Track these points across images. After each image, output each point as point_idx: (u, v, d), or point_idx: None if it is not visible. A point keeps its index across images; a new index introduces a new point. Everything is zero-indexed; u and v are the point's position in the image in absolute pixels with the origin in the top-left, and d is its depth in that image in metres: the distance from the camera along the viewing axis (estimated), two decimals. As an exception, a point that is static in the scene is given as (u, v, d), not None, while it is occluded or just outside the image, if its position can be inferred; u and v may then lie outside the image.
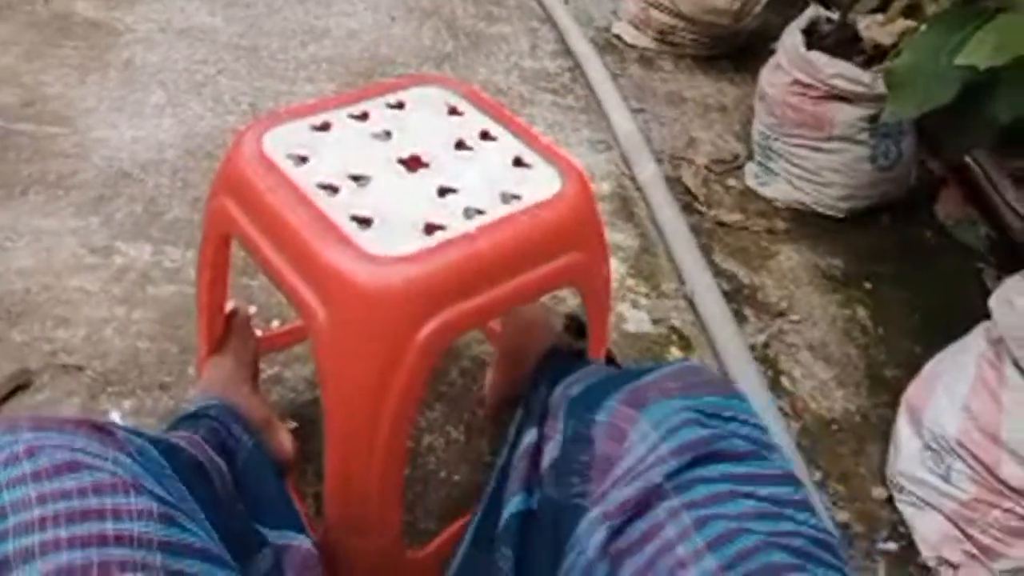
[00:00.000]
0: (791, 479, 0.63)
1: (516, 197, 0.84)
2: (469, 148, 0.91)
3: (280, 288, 0.83)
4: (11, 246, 1.36)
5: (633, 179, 1.70)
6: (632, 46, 2.15)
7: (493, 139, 0.93)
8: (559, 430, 0.75)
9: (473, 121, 0.95)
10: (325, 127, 0.92)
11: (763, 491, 0.61)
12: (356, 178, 0.85)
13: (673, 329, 1.40)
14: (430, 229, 0.79)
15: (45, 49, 1.83)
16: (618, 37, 2.18)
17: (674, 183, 1.71)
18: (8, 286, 1.29)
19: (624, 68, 2.08)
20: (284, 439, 0.99)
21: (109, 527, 0.54)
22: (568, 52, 2.07)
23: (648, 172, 1.67)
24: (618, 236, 1.57)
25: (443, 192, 0.85)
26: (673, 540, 0.58)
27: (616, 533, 0.61)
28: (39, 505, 0.53)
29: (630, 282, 1.48)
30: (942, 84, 1.18)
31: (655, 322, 1.41)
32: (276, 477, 0.88)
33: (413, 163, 0.88)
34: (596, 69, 1.96)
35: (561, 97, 1.94)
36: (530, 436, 0.79)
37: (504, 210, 0.82)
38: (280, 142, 0.88)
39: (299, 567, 0.79)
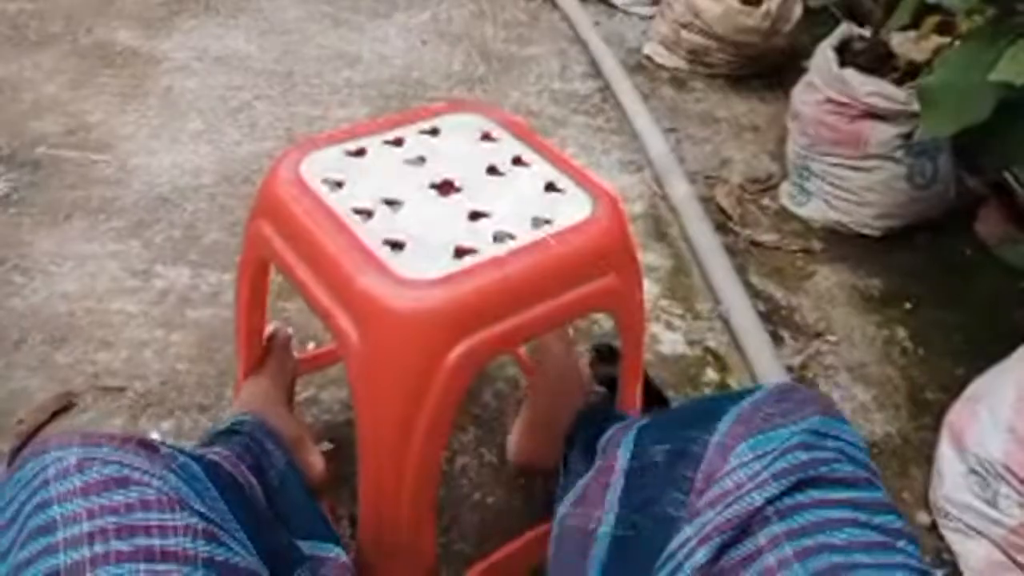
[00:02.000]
0: (895, 508, 0.61)
1: (547, 222, 0.85)
2: (501, 173, 0.92)
3: (315, 311, 0.84)
4: (56, 270, 1.39)
5: (666, 199, 1.70)
6: (663, 67, 2.16)
7: (525, 164, 0.93)
8: (620, 458, 0.75)
9: (506, 147, 0.96)
10: (360, 153, 0.93)
11: (873, 519, 0.59)
12: (390, 203, 0.86)
13: (708, 350, 1.39)
14: (461, 253, 0.80)
15: (87, 78, 1.87)
16: (649, 58, 2.18)
17: (708, 203, 1.70)
18: (53, 310, 1.32)
19: (655, 89, 2.08)
20: (316, 460, 1.00)
21: (156, 543, 0.55)
22: (599, 74, 2.08)
23: (681, 192, 1.67)
24: (651, 257, 1.57)
25: (475, 216, 0.85)
26: (773, 568, 0.57)
27: (715, 557, 0.60)
28: (88, 520, 0.55)
29: (664, 303, 1.47)
30: (977, 101, 1.16)
31: (690, 343, 1.40)
32: (309, 492, 0.88)
33: (445, 188, 0.89)
34: (627, 90, 1.97)
35: (592, 118, 1.95)
36: (578, 488, 0.79)
37: (535, 234, 0.83)
38: (316, 167, 0.89)
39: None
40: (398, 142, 0.95)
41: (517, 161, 0.94)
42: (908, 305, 1.54)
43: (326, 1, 2.28)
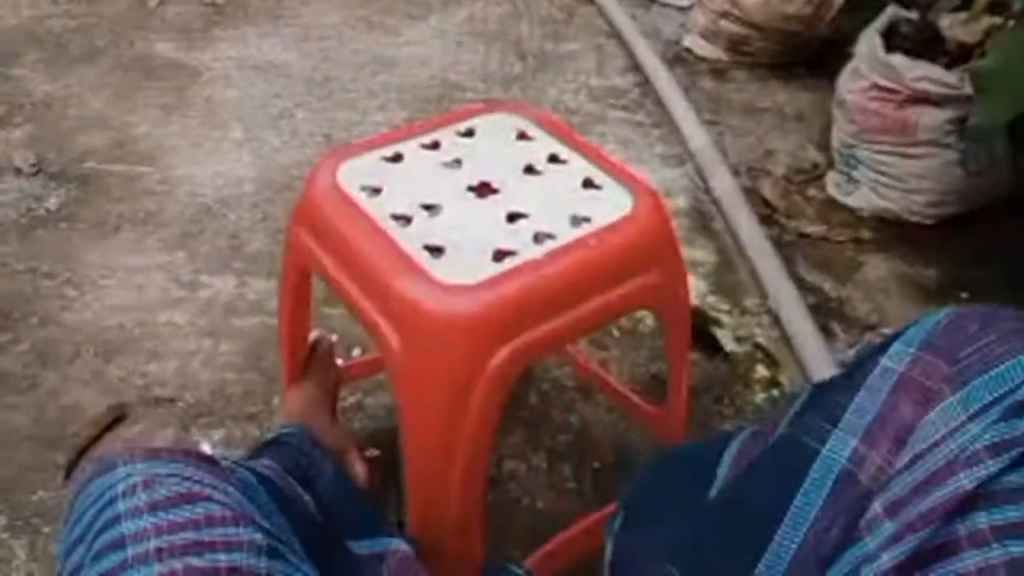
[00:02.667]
0: None
1: (586, 219, 0.84)
2: (538, 172, 0.91)
3: (357, 318, 0.83)
4: (105, 283, 1.41)
5: (709, 193, 1.67)
6: (703, 58, 2.12)
7: (563, 162, 0.92)
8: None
9: (542, 145, 0.95)
10: (397, 158, 0.93)
11: None
12: (428, 207, 0.86)
13: (758, 347, 1.36)
14: (500, 255, 0.80)
15: (131, 91, 1.91)
16: (688, 50, 2.15)
17: (752, 196, 1.66)
18: (104, 323, 1.34)
19: (695, 81, 2.04)
20: (360, 468, 1.01)
21: (221, 559, 0.55)
22: (637, 68, 2.05)
23: (725, 185, 1.64)
24: (696, 252, 1.54)
25: (513, 218, 0.85)
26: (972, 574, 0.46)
27: (913, 558, 0.48)
28: (156, 536, 0.56)
29: (711, 299, 1.44)
30: (1036, 83, 1.12)
31: (739, 340, 1.37)
32: (359, 495, 0.89)
33: (483, 190, 0.89)
34: (666, 83, 1.94)
35: (632, 113, 1.92)
36: None
37: (574, 233, 0.82)
38: (354, 174, 0.89)
39: (402, 571, 0.79)
40: (434, 145, 0.95)
41: (554, 159, 0.93)
42: (965, 295, 1.49)
43: (361, 5, 2.29)
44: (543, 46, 2.15)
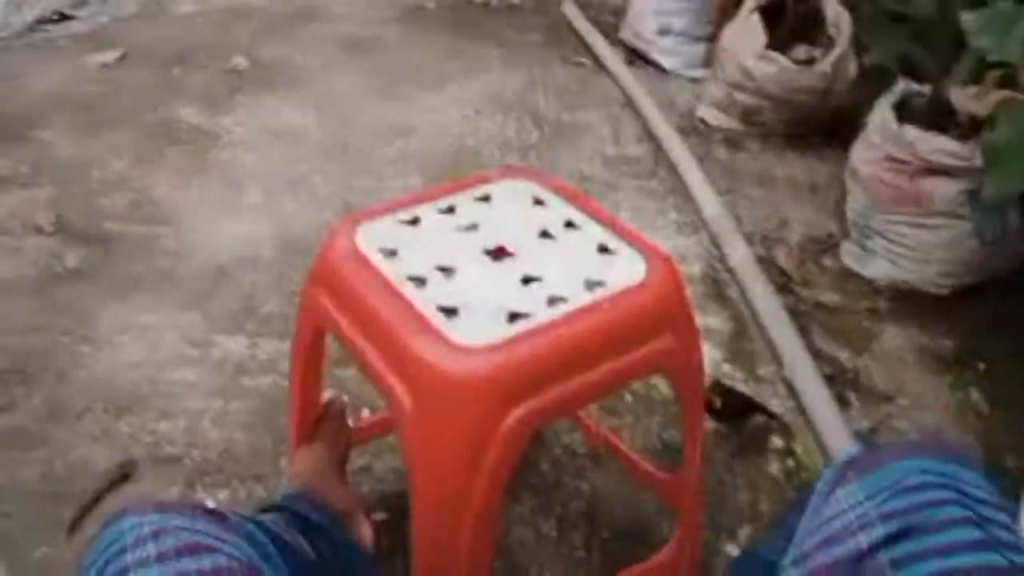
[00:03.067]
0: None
1: (600, 284, 0.84)
2: (553, 237, 0.92)
3: (370, 378, 0.83)
4: (119, 341, 1.42)
5: (723, 261, 1.67)
6: (717, 128, 2.15)
7: (577, 228, 0.93)
8: None
9: (558, 211, 0.96)
10: (415, 221, 0.94)
11: (1006, 559, 0.54)
12: (443, 269, 0.86)
13: (772, 415, 1.34)
14: (514, 318, 0.80)
15: (153, 154, 1.95)
16: (702, 120, 2.18)
17: (767, 264, 1.67)
18: (117, 379, 1.34)
19: (709, 150, 2.07)
20: (366, 532, 0.99)
21: None
22: (651, 137, 2.08)
23: (739, 254, 1.64)
24: (711, 320, 1.53)
25: (527, 281, 0.85)
26: None
27: None
28: None
29: (726, 368, 1.43)
30: (1047, 155, 1.13)
31: (746, 414, 1.35)
32: (363, 555, 0.87)
33: (498, 253, 0.89)
34: (680, 151, 1.96)
35: (646, 181, 1.94)
36: None
37: (588, 297, 0.82)
38: (372, 236, 0.90)
39: None
40: (451, 210, 0.96)
41: (569, 225, 0.94)
42: (982, 365, 1.47)
43: (380, 76, 2.35)
44: (559, 115, 2.19)
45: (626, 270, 0.86)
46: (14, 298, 1.51)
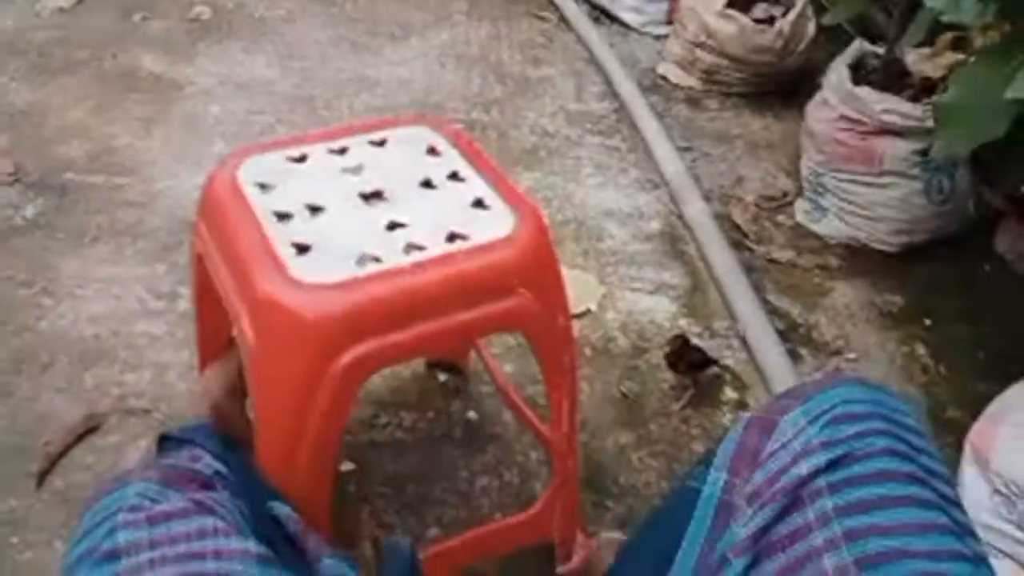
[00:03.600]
0: (948, 475, 0.62)
1: (463, 237, 0.84)
2: (434, 187, 0.92)
3: (226, 308, 0.84)
4: (82, 293, 1.42)
5: (681, 217, 1.71)
6: (678, 86, 2.17)
7: (461, 180, 0.93)
8: None
9: (447, 162, 0.96)
10: (302, 159, 0.94)
11: (925, 493, 0.59)
12: (312, 208, 0.87)
13: (727, 368, 1.39)
14: (365, 260, 0.80)
15: (112, 103, 1.91)
16: (663, 78, 2.19)
17: (723, 221, 1.71)
18: (80, 332, 1.34)
19: (670, 108, 2.09)
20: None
21: (211, 567, 0.59)
22: (614, 94, 2.10)
23: (696, 210, 1.68)
24: (668, 275, 1.58)
25: (392, 227, 0.85)
26: (820, 548, 0.57)
27: (764, 527, 0.61)
28: (149, 549, 0.59)
29: (682, 322, 1.48)
30: (992, 118, 1.17)
31: (706, 368, 1.40)
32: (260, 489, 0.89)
33: (372, 197, 0.89)
34: (642, 109, 1.98)
35: (608, 138, 1.96)
36: None
37: (446, 248, 0.82)
38: (254, 170, 0.91)
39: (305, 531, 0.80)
40: (343, 151, 0.96)
41: (454, 176, 0.93)
42: (928, 322, 1.53)
43: (345, 26, 2.32)
44: (523, 71, 2.19)
45: (493, 226, 0.86)
46: (-28, 250, 1.49)
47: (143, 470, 0.67)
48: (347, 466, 1.17)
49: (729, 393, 1.36)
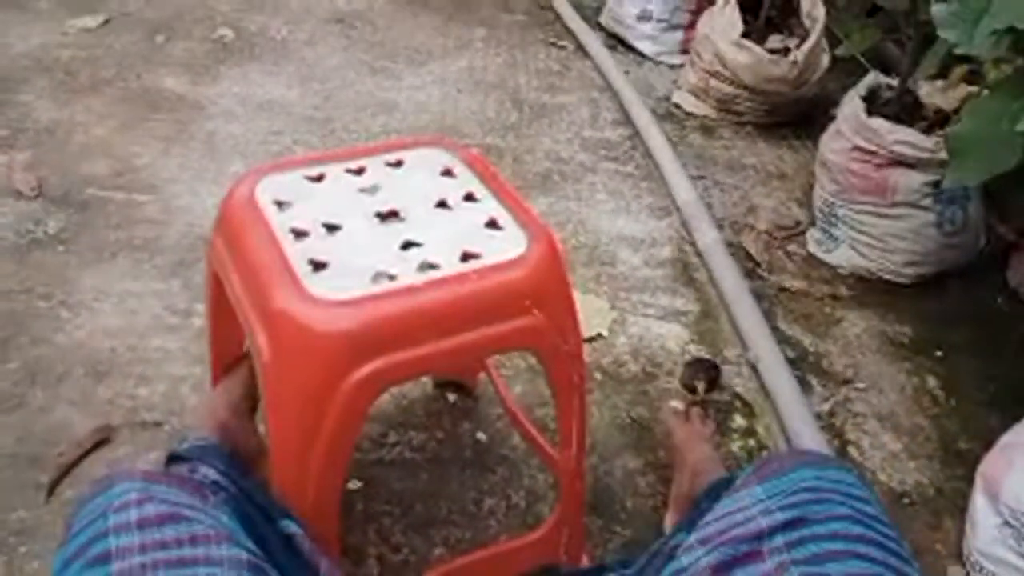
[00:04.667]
0: (902, 548, 0.66)
1: (476, 256, 0.85)
2: (449, 208, 0.93)
3: (242, 323, 0.85)
4: (99, 307, 1.44)
5: (693, 245, 1.71)
6: (692, 114, 2.19)
7: (476, 201, 0.94)
8: None
9: (462, 183, 0.97)
10: (320, 178, 0.96)
11: (873, 551, 0.64)
12: (328, 226, 0.88)
13: (736, 396, 1.39)
14: (380, 278, 0.82)
15: (136, 122, 1.95)
16: (678, 106, 2.21)
17: (735, 249, 1.71)
18: (96, 345, 1.36)
19: (684, 136, 2.11)
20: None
21: (202, 572, 0.59)
22: (629, 121, 2.11)
23: (709, 238, 1.68)
24: (679, 302, 1.58)
25: (407, 246, 0.87)
26: None
27: (722, 567, 0.65)
28: (140, 553, 0.59)
29: (692, 348, 1.48)
30: (1005, 150, 1.17)
31: (718, 389, 1.40)
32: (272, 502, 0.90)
33: (388, 216, 0.91)
34: (656, 137, 2.00)
35: (622, 165, 1.98)
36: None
37: (459, 268, 0.83)
38: (272, 188, 0.92)
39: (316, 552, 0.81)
40: (360, 171, 0.98)
41: (468, 197, 0.95)
42: (939, 353, 1.53)
43: (364, 50, 2.36)
44: (539, 98, 2.21)
45: (507, 246, 0.87)
46: (-6, 262, 1.52)
47: (128, 470, 0.67)
48: (355, 484, 1.17)
49: (739, 420, 1.36)
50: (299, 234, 0.86)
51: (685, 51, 2.35)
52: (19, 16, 2.34)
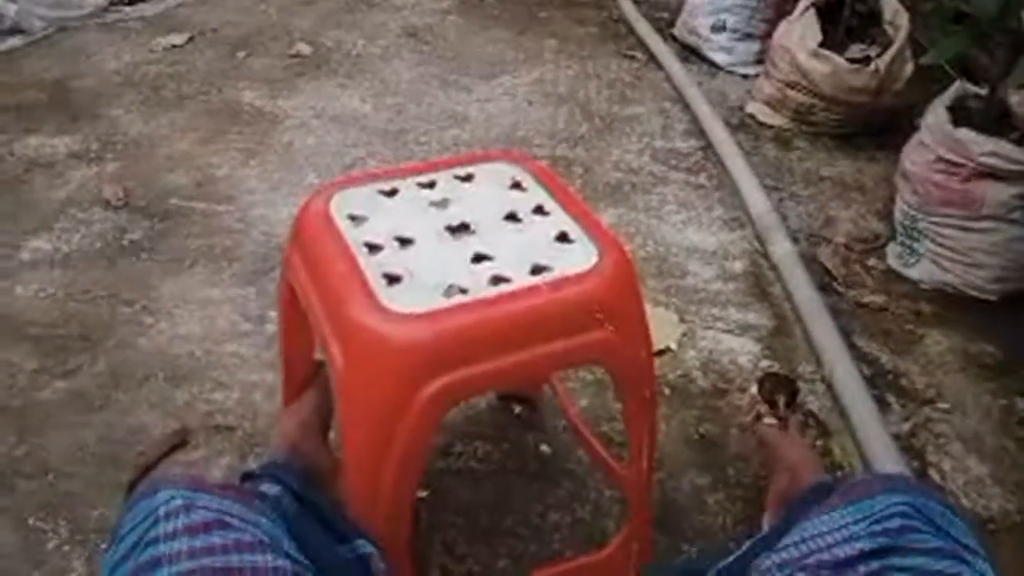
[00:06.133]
0: None
1: (547, 269, 0.85)
2: (519, 220, 0.93)
3: (316, 336, 0.86)
4: (179, 314, 1.49)
5: (767, 257, 1.68)
6: (766, 125, 2.14)
7: (546, 214, 0.94)
8: None
9: (531, 196, 0.97)
10: (392, 192, 0.97)
11: None
12: (401, 240, 0.89)
13: (810, 414, 1.35)
14: (452, 291, 0.82)
15: (216, 135, 2.01)
16: (752, 117, 2.17)
17: (811, 262, 1.67)
18: (175, 350, 1.41)
19: (758, 147, 2.07)
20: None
21: None
22: (700, 132, 2.09)
23: (783, 251, 1.64)
24: (752, 316, 1.55)
25: (479, 259, 0.87)
26: None
27: None
28: (188, 559, 0.61)
29: (764, 363, 1.44)
30: (1104, 162, 1.11)
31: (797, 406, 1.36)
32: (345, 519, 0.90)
33: (459, 230, 0.91)
34: (729, 147, 1.96)
35: (693, 176, 1.95)
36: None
37: (530, 281, 0.83)
38: (346, 202, 0.94)
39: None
40: (431, 185, 0.99)
41: (538, 210, 0.95)
42: (1027, 373, 1.46)
43: (437, 64, 2.39)
44: (610, 109, 2.20)
45: (577, 259, 0.86)
46: (81, 269, 1.58)
47: (173, 477, 0.70)
48: (420, 493, 1.18)
49: (813, 440, 1.32)
50: (373, 248, 0.88)
51: (760, 61, 2.31)
52: (111, 35, 2.46)
